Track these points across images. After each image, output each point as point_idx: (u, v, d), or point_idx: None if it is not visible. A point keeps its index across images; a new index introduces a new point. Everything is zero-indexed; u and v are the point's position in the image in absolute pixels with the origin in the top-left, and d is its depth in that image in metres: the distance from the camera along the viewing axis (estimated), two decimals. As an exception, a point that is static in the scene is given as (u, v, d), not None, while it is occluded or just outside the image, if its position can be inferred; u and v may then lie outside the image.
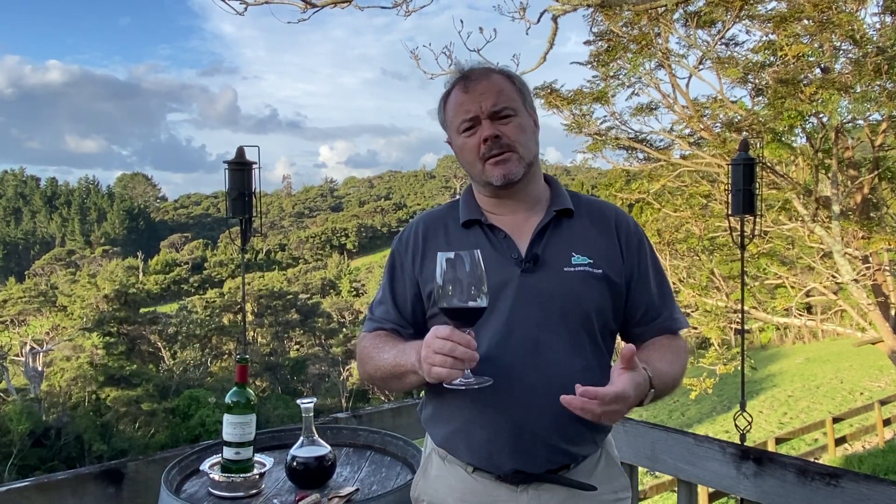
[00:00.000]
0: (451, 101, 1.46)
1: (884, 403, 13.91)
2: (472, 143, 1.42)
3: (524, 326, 1.36)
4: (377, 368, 1.43)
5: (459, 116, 1.42)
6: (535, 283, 1.38)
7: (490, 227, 1.45)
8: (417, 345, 1.34)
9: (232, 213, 3.13)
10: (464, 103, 1.41)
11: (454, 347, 1.19)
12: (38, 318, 31.30)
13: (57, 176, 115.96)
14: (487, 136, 1.39)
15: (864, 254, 8.80)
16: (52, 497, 1.71)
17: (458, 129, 1.43)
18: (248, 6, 5.27)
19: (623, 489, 1.48)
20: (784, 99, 7.31)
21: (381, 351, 1.43)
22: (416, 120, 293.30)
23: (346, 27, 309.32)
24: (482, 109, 1.39)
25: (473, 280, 1.21)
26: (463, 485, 1.43)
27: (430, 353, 1.21)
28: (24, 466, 20.87)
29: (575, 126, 9.32)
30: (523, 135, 1.42)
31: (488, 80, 1.42)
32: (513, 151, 1.40)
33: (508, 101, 1.41)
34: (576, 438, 1.40)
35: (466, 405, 1.40)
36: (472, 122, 1.41)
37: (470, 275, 1.21)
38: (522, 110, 1.43)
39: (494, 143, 1.39)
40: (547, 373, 1.36)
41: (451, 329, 1.21)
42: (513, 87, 1.44)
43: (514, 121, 1.41)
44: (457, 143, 1.46)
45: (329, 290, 53.66)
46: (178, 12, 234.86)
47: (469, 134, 1.42)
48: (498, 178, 1.40)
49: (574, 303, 1.39)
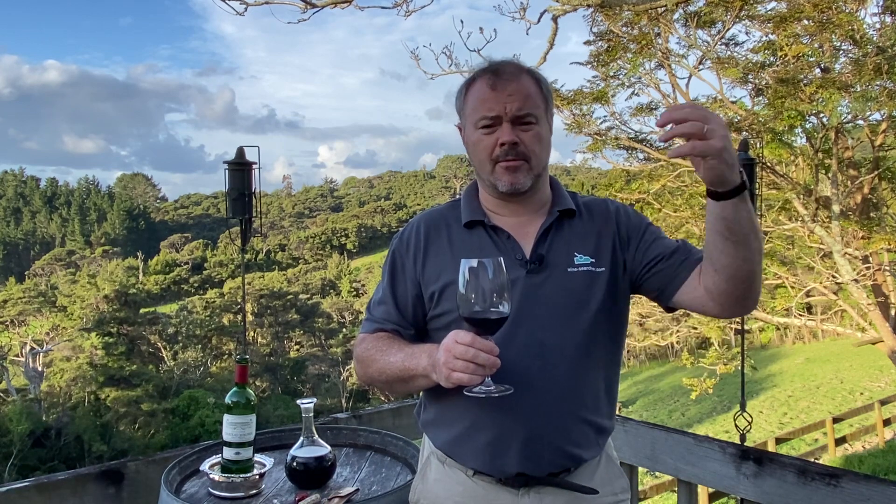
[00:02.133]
0: (474, 92, 1.43)
1: (884, 403, 13.91)
2: (488, 143, 1.40)
3: (529, 328, 1.36)
4: (381, 371, 1.42)
5: (480, 112, 1.40)
6: (540, 284, 1.38)
7: (493, 228, 1.45)
8: (428, 348, 1.33)
9: (232, 214, 3.13)
10: (488, 100, 1.39)
11: (477, 354, 1.18)
12: (37, 318, 31.30)
13: (55, 176, 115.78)
14: (506, 140, 1.37)
15: (864, 254, 8.80)
16: (52, 497, 1.70)
17: (476, 125, 1.41)
18: (248, 6, 5.27)
19: (622, 490, 1.48)
20: (784, 99, 7.31)
21: (387, 353, 1.42)
22: (414, 120, 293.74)
23: (346, 27, 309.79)
24: (506, 111, 1.37)
25: (496, 288, 1.20)
26: (463, 488, 1.43)
27: (450, 359, 1.20)
28: (24, 467, 20.87)
29: (575, 126, 9.32)
30: (539, 145, 1.40)
31: (518, 82, 1.39)
32: (526, 161, 1.39)
33: (533, 108, 1.39)
34: (580, 441, 1.40)
35: (470, 409, 1.39)
36: (492, 122, 1.39)
37: (493, 282, 1.20)
38: (543, 118, 1.42)
39: (511, 149, 1.38)
40: (552, 375, 1.36)
41: (473, 335, 1.20)
42: (539, 92, 1.42)
43: (534, 129, 1.39)
44: (471, 136, 1.44)
45: (329, 290, 53.67)
46: (179, 12, 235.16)
47: (487, 132, 1.40)
48: (505, 184, 1.40)
49: (578, 303, 1.39)
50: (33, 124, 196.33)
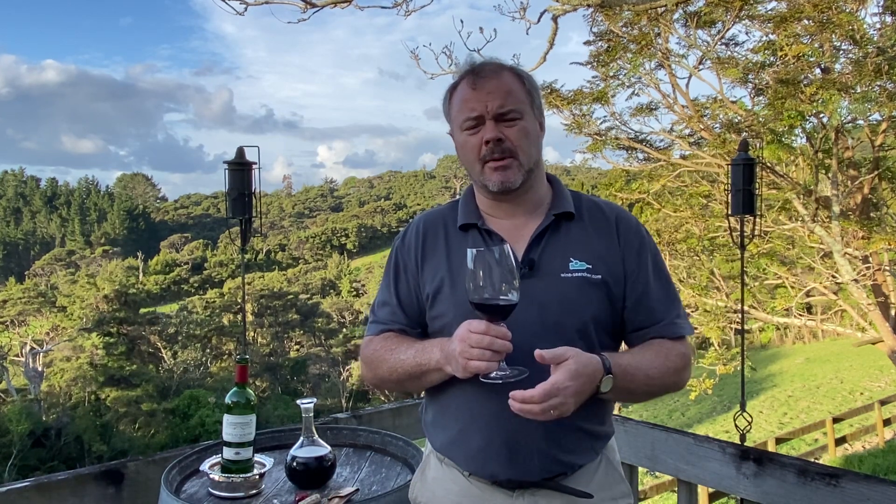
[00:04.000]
0: (457, 95, 1.42)
1: (884, 403, 13.90)
2: (474, 143, 1.39)
3: (519, 334, 1.32)
4: (393, 370, 1.41)
5: (464, 114, 1.39)
6: (530, 289, 1.34)
7: (487, 232, 1.43)
8: (439, 342, 1.33)
9: (232, 214, 3.13)
10: (469, 100, 1.38)
11: (493, 341, 1.19)
12: (37, 318, 31.28)
13: (54, 176, 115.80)
14: (490, 138, 1.36)
15: (864, 254, 8.80)
16: (52, 497, 1.71)
17: (461, 126, 1.40)
18: (248, 6, 5.27)
19: (623, 496, 1.46)
20: (784, 99, 7.30)
21: (396, 352, 1.41)
22: (413, 120, 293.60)
23: (347, 27, 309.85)
24: (488, 110, 1.36)
25: (504, 274, 1.19)
26: (459, 488, 1.43)
27: (466, 348, 1.21)
28: (24, 467, 20.87)
29: (575, 126, 9.31)
30: (526, 140, 1.38)
31: (498, 79, 1.38)
32: (514, 157, 1.37)
33: (516, 103, 1.37)
34: (571, 447, 1.38)
35: (463, 413, 1.40)
36: (476, 122, 1.38)
37: (500, 269, 1.19)
38: (529, 113, 1.40)
39: (496, 147, 1.36)
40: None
41: (487, 323, 1.20)
42: (522, 87, 1.40)
43: (518, 124, 1.37)
44: (458, 139, 1.43)
45: (329, 290, 53.67)
46: (180, 12, 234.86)
47: (472, 133, 1.39)
48: (495, 183, 1.38)
49: (570, 310, 1.36)
50: (32, 124, 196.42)
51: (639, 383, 1.34)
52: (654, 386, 1.38)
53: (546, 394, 1.18)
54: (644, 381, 1.35)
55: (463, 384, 1.35)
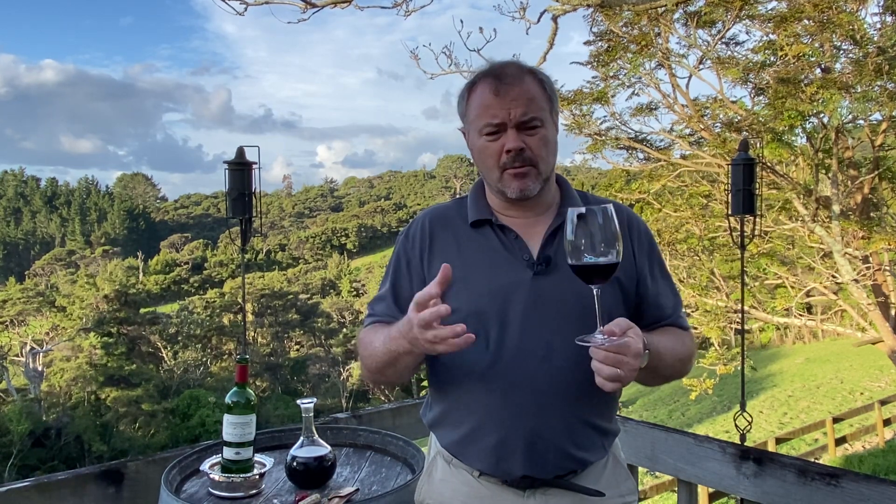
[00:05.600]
0: (476, 97, 1.40)
1: (884, 403, 13.90)
2: (494, 149, 1.37)
3: (536, 330, 1.34)
4: (374, 361, 1.40)
5: (484, 119, 1.37)
6: (547, 286, 1.36)
7: (501, 228, 1.43)
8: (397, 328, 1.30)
9: (232, 214, 3.13)
10: (491, 106, 1.36)
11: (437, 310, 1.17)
12: (37, 318, 31.29)
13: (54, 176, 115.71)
14: (512, 147, 1.35)
15: (864, 254, 8.80)
16: (52, 497, 1.70)
17: (481, 131, 1.38)
18: (248, 6, 5.27)
19: (630, 492, 1.48)
20: (784, 99, 7.30)
21: (372, 343, 1.40)
22: (413, 120, 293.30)
23: (347, 27, 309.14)
24: (511, 117, 1.34)
25: (607, 235, 1.18)
26: (468, 489, 1.43)
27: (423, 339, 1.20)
28: (24, 467, 20.90)
29: (575, 126, 9.32)
30: (546, 149, 1.38)
31: (521, 86, 1.36)
32: (534, 166, 1.37)
33: (538, 111, 1.36)
34: (586, 444, 1.40)
35: (477, 409, 1.39)
36: (497, 128, 1.36)
37: (603, 229, 1.18)
38: (549, 120, 1.39)
39: (517, 156, 1.35)
40: (558, 378, 1.35)
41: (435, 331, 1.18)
42: (543, 93, 1.39)
43: (539, 132, 1.36)
44: (476, 143, 1.41)
45: (329, 290, 53.69)
46: (180, 12, 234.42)
47: (492, 139, 1.37)
48: (514, 191, 1.38)
49: (586, 306, 1.35)
50: (30, 124, 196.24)
51: (663, 364, 1.38)
52: (673, 368, 1.43)
53: (632, 350, 1.17)
54: (668, 363, 1.40)
55: (474, 381, 1.36)
